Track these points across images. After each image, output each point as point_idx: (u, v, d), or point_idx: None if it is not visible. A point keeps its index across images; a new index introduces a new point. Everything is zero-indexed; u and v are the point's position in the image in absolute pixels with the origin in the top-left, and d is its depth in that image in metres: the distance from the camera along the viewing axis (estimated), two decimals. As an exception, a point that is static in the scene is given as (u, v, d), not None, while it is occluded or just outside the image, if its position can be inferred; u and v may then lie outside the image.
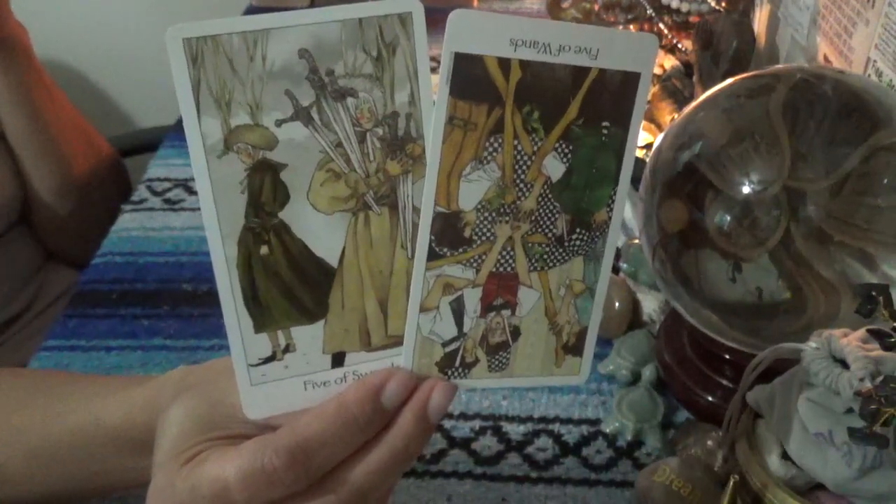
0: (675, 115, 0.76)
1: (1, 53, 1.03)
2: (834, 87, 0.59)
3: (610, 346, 0.74)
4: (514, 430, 0.68)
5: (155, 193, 0.99)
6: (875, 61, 0.73)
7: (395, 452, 0.41)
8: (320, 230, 0.40)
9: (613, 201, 0.44)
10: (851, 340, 0.45)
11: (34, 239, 1.13)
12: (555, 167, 0.42)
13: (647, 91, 0.42)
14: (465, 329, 0.43)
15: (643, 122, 0.93)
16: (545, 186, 0.42)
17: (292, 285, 0.40)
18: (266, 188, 0.39)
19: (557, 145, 0.41)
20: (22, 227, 1.11)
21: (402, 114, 0.39)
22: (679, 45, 1.06)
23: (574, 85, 0.41)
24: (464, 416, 0.69)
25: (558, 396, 0.71)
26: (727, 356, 0.66)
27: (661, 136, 0.65)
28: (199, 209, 0.38)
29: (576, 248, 0.44)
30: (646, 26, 1.06)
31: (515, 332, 0.44)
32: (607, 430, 0.68)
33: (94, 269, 0.88)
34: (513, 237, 0.42)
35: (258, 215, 0.39)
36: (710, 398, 0.67)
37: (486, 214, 0.41)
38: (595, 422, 0.69)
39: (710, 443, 0.63)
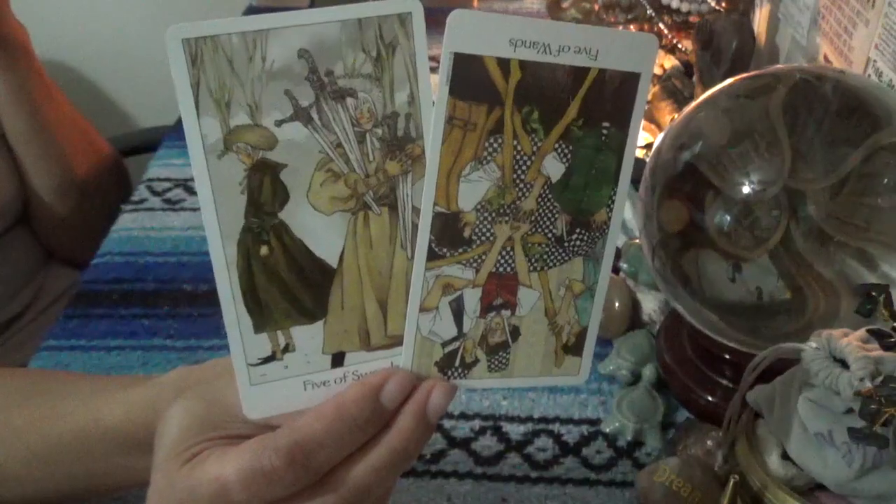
0: (675, 115, 0.76)
1: (1, 53, 1.03)
2: (834, 87, 0.59)
3: (610, 346, 0.74)
4: (514, 430, 0.68)
5: (155, 193, 0.99)
6: (875, 61, 0.73)
7: (395, 452, 0.41)
8: (320, 230, 0.40)
9: (613, 202, 0.43)
10: (851, 340, 0.45)
11: (34, 239, 1.13)
12: (554, 167, 0.42)
13: (647, 91, 0.42)
14: (465, 329, 0.43)
15: (643, 122, 0.93)
16: (545, 187, 0.42)
17: (292, 285, 0.40)
18: (266, 188, 0.38)
19: (557, 146, 0.41)
20: (22, 227, 1.11)
21: (402, 114, 0.39)
22: (679, 45, 1.06)
23: (574, 85, 0.41)
24: (464, 416, 0.69)
25: (558, 396, 0.71)
26: (727, 356, 0.66)
27: (661, 136, 0.65)
28: (199, 209, 0.38)
29: (575, 249, 0.44)
30: (646, 26, 1.06)
31: (515, 333, 0.44)
32: (607, 430, 0.67)
33: (94, 269, 0.88)
34: (512, 237, 0.42)
35: (258, 215, 0.39)
36: (710, 398, 0.67)
37: (486, 215, 0.41)
38: (595, 422, 0.69)
39: (710, 443, 0.63)
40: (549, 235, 0.43)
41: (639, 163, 0.47)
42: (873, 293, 0.46)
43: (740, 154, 0.59)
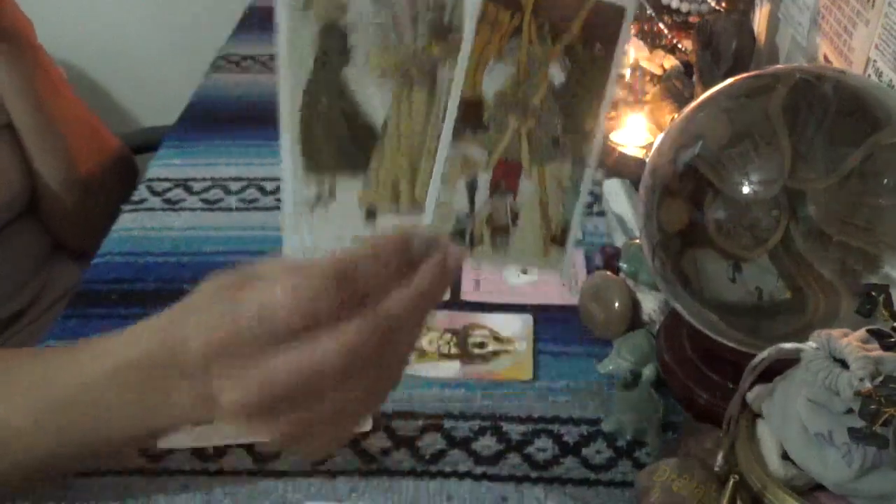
0: (675, 115, 0.76)
1: (6, 45, 1.03)
2: (834, 87, 0.59)
3: (610, 346, 0.74)
4: (514, 430, 0.68)
5: (155, 193, 0.99)
6: (875, 61, 0.73)
7: (422, 291, 0.45)
8: (371, 94, 0.47)
9: (599, 113, 0.51)
10: (851, 340, 0.45)
11: (41, 230, 1.12)
12: (557, 74, 0.49)
13: (630, 25, 0.51)
14: (476, 207, 0.49)
15: (643, 122, 0.93)
16: (549, 90, 0.49)
17: (342, 138, 0.47)
18: (332, 48, 0.45)
19: (561, 57, 0.49)
20: (30, 218, 1.11)
21: (449, 5, 0.47)
22: (679, 45, 1.06)
23: (577, 7, 0.48)
24: (464, 416, 0.69)
25: (558, 396, 0.71)
26: (727, 356, 0.66)
27: (661, 136, 0.65)
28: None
29: (567, 149, 0.51)
30: (646, 26, 1.06)
31: (515, 218, 0.50)
32: (607, 430, 0.67)
33: (94, 269, 0.88)
34: (520, 130, 0.49)
35: (322, 71, 0.45)
36: (710, 398, 0.67)
37: (502, 106, 0.48)
38: (595, 422, 0.69)
39: (710, 443, 0.62)
40: (549, 134, 0.50)
41: (639, 163, 0.48)
42: (873, 293, 0.46)
43: (740, 154, 0.59)
